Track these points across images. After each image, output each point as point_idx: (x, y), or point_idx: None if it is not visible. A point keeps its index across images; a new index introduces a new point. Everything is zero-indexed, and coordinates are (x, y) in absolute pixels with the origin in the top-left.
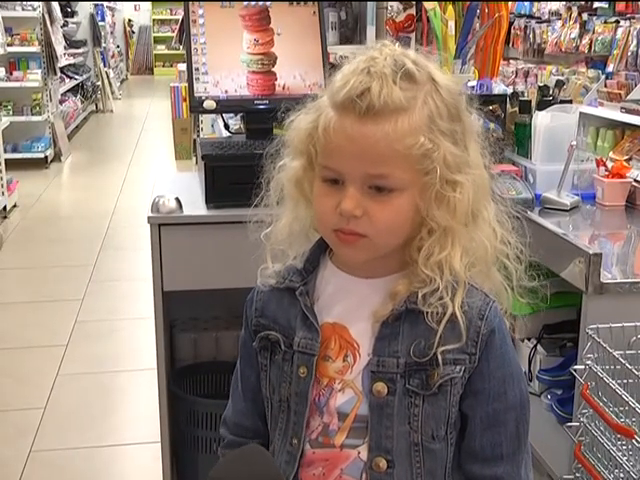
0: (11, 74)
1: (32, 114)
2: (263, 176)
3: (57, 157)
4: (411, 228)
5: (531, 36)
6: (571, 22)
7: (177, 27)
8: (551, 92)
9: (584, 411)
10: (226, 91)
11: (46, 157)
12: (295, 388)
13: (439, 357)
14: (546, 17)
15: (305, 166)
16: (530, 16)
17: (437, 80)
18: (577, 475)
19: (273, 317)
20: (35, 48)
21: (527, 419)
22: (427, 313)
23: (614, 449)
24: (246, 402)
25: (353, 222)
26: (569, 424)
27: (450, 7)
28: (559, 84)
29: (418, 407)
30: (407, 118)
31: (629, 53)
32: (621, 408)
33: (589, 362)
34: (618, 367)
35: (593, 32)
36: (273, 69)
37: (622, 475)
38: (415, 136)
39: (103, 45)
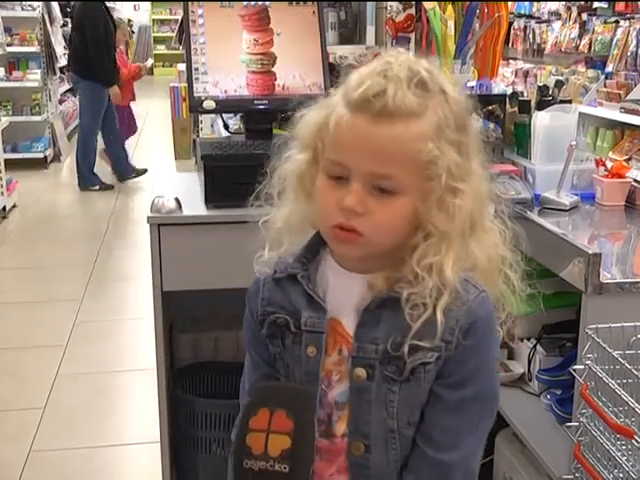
0: (11, 74)
1: (32, 114)
2: (268, 165)
3: (56, 157)
4: (407, 231)
5: (531, 36)
6: (571, 22)
7: (177, 27)
8: (550, 92)
9: (583, 411)
10: (225, 91)
11: (45, 157)
12: (305, 368)
13: (406, 348)
14: (546, 17)
15: (310, 161)
16: (530, 16)
17: (447, 91)
18: (576, 475)
19: (280, 304)
20: (35, 48)
21: (491, 415)
22: (407, 313)
23: (613, 449)
24: None
25: (353, 219)
26: (568, 424)
27: (450, 7)
28: (558, 84)
29: (395, 393)
30: (418, 124)
31: (628, 53)
32: (620, 408)
33: (588, 362)
34: (617, 367)
35: (593, 32)
36: (273, 69)
37: (621, 475)
38: (424, 142)
39: None
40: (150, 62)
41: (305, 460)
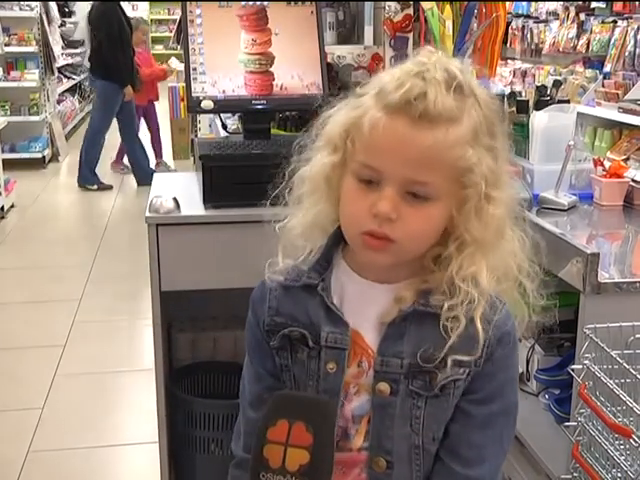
0: (9, 74)
1: (30, 114)
2: (287, 168)
3: (55, 157)
4: (436, 238)
5: (529, 36)
6: (569, 22)
7: (175, 27)
8: (549, 92)
9: (582, 411)
10: (224, 91)
11: (44, 157)
12: (323, 385)
13: (449, 362)
14: (544, 17)
15: (337, 162)
16: (528, 16)
17: (477, 93)
18: (575, 475)
19: (290, 315)
20: (33, 48)
21: (514, 426)
22: (444, 326)
23: (612, 449)
24: (259, 412)
25: (386, 225)
26: (567, 424)
27: (448, 7)
28: (557, 84)
29: (420, 409)
30: (456, 129)
31: (626, 53)
32: (618, 408)
33: (587, 362)
34: (616, 367)
35: (590, 32)
36: (271, 69)
37: (619, 475)
38: (463, 148)
39: None
40: (175, 63)
41: (323, 477)
